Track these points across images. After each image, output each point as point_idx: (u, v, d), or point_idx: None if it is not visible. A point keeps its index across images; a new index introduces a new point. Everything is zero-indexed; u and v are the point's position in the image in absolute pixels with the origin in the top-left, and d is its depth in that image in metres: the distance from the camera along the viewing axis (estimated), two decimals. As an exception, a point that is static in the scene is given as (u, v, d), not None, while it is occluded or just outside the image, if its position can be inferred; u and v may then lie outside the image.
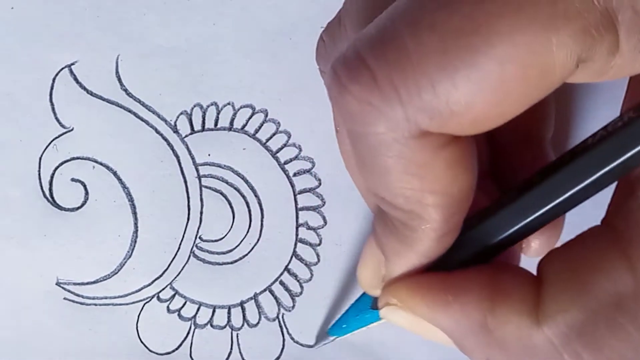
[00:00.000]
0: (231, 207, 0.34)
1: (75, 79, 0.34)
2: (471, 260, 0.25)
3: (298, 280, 0.34)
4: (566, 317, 0.23)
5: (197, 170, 0.34)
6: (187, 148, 0.34)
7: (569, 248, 0.25)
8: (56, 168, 0.34)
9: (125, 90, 0.34)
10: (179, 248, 0.34)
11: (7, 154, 0.34)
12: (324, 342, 0.33)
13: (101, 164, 0.34)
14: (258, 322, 0.34)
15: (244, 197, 0.34)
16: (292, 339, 0.34)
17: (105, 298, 0.34)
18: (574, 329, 0.23)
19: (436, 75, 0.20)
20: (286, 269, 0.34)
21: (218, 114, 0.34)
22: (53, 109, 0.34)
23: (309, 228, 0.34)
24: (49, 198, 0.34)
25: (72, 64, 0.34)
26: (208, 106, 0.34)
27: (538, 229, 0.25)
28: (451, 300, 0.24)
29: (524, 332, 0.24)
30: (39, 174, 0.34)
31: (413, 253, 0.25)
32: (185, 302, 0.34)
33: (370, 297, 0.29)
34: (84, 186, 0.34)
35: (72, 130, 0.34)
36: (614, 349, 0.23)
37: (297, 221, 0.34)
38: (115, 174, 0.34)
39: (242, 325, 0.34)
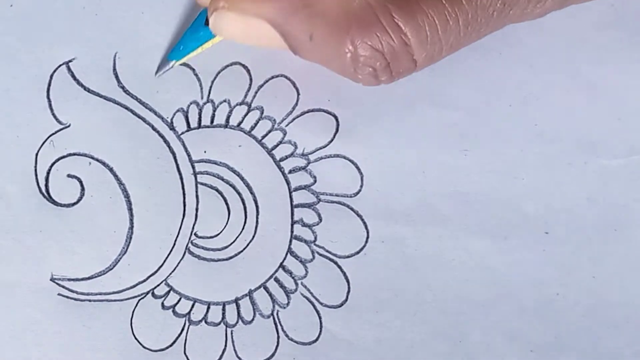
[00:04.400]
0: (227, 204, 0.34)
1: (73, 76, 0.34)
2: None
3: (293, 277, 0.34)
4: None
5: (193, 167, 0.34)
6: (183, 145, 0.34)
7: None
8: (52, 164, 0.34)
9: (122, 87, 0.34)
10: (174, 244, 0.34)
11: (4, 150, 0.34)
12: (164, 68, 0.34)
13: (97, 160, 0.34)
14: (252, 319, 0.34)
15: (239, 194, 0.34)
16: (287, 336, 0.34)
17: (100, 294, 0.34)
18: None
19: None
20: (281, 265, 0.34)
21: (214, 111, 0.34)
22: (50, 105, 0.34)
23: (304, 225, 0.34)
24: (45, 194, 0.34)
25: (70, 60, 0.34)
26: (204, 103, 0.34)
27: None
28: None
29: None
30: (35, 170, 0.34)
31: None
32: (180, 299, 0.34)
33: (202, 20, 0.31)
34: (80, 182, 0.34)
35: (68, 126, 0.34)
36: (425, 14, 0.26)
37: (292, 218, 0.34)
38: (111, 170, 0.34)
39: (237, 322, 0.34)
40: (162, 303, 0.34)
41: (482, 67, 0.34)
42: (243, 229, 0.34)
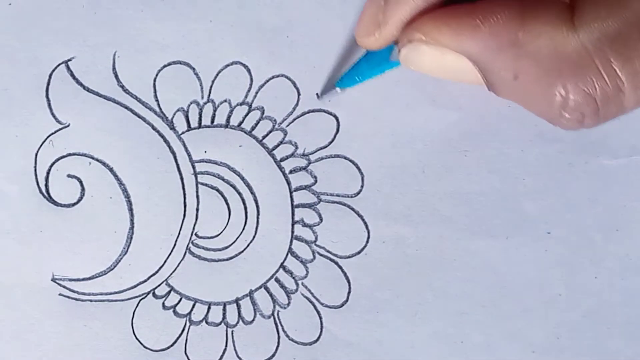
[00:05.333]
0: (227, 204, 0.34)
1: (72, 75, 0.34)
2: None
3: (293, 278, 0.34)
4: (602, 25, 0.25)
5: (194, 167, 0.34)
6: (184, 145, 0.34)
7: None
8: (52, 164, 0.34)
9: (122, 86, 0.34)
10: (174, 244, 0.34)
11: (3, 150, 0.34)
12: (330, 94, 0.33)
13: (97, 160, 0.34)
14: (253, 319, 0.34)
15: (240, 194, 0.34)
16: (287, 336, 0.34)
17: (101, 294, 0.34)
18: (608, 37, 0.25)
19: None
20: (282, 266, 0.34)
21: (214, 111, 0.34)
22: (49, 104, 0.34)
23: (305, 225, 0.34)
24: (45, 194, 0.34)
25: (69, 60, 0.34)
26: (205, 103, 0.34)
27: None
28: (479, 23, 0.26)
29: (558, 40, 0.25)
30: (35, 170, 0.34)
31: None
32: (180, 299, 0.34)
33: (383, 51, 0.30)
34: (80, 182, 0.34)
35: (68, 126, 0.34)
36: None
37: (292, 218, 0.34)
38: (111, 170, 0.34)
39: (237, 322, 0.34)
40: (163, 303, 0.34)
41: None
42: (243, 229, 0.34)
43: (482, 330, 0.34)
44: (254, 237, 0.34)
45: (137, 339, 0.34)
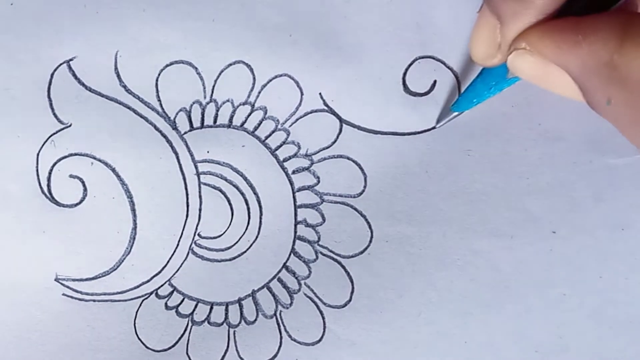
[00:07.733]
0: (230, 204, 0.34)
1: (74, 75, 0.34)
2: (590, 11, 0.26)
3: (296, 278, 0.34)
4: None
5: (196, 167, 0.34)
6: (186, 145, 0.34)
7: None
8: (54, 164, 0.34)
9: (124, 86, 0.34)
10: (177, 245, 0.34)
11: (5, 150, 0.34)
12: (447, 118, 0.33)
13: (100, 160, 0.34)
14: (255, 320, 0.34)
15: (242, 194, 0.34)
16: (290, 336, 0.34)
17: (104, 294, 0.34)
18: None
19: None
20: (284, 266, 0.34)
21: (217, 111, 0.34)
22: (51, 104, 0.34)
23: (308, 225, 0.34)
24: (48, 194, 0.34)
25: (71, 59, 0.34)
26: (207, 103, 0.34)
27: None
28: (580, 39, 0.25)
29: None
30: (37, 170, 0.34)
31: (531, 9, 0.26)
32: (183, 299, 0.34)
33: (499, 68, 0.30)
34: (83, 182, 0.34)
35: (70, 126, 0.34)
36: None
37: (295, 218, 0.34)
38: (113, 170, 0.34)
39: (240, 322, 0.34)
40: (166, 303, 0.34)
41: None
42: (246, 229, 0.34)
43: (486, 330, 0.33)
44: (256, 237, 0.34)
45: (139, 339, 0.34)
